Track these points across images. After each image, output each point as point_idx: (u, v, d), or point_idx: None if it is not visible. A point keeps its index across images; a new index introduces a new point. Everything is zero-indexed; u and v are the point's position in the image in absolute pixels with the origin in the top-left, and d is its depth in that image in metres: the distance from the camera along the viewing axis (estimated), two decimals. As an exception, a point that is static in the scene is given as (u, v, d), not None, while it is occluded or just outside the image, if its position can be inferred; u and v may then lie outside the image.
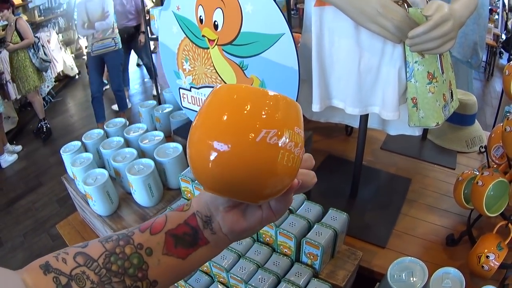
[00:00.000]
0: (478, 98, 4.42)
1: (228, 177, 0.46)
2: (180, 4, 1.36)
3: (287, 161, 0.47)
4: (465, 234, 1.27)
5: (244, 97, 0.47)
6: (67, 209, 3.43)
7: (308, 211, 1.16)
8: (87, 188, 1.38)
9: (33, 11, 7.05)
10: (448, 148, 1.82)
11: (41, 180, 4.13)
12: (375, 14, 0.98)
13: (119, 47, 4.80)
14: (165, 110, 1.90)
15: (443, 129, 1.85)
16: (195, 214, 0.60)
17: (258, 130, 0.45)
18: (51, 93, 6.47)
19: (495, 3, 6.35)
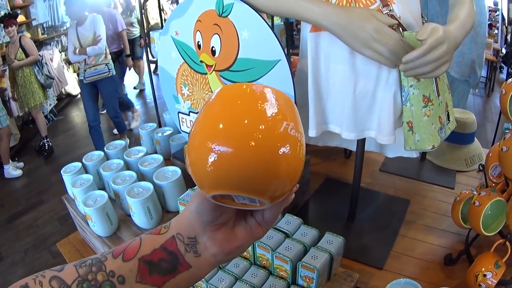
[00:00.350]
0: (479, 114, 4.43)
1: (252, 162, 0.46)
2: (178, 30, 1.38)
3: (299, 151, 0.50)
4: (463, 253, 1.26)
5: (254, 94, 0.50)
6: (67, 228, 3.44)
7: (304, 235, 1.17)
8: (87, 209, 1.39)
9: (36, 29, 7.11)
10: (447, 168, 1.81)
11: (42, 198, 4.14)
12: (369, 39, 0.98)
13: (112, 73, 4.65)
14: (165, 133, 1.91)
15: (442, 149, 1.85)
16: (175, 237, 0.57)
17: (280, 121, 0.48)
18: (53, 111, 6.52)
19: (494, 18, 6.38)
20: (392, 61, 1.00)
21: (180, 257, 0.56)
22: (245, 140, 0.46)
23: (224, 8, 1.20)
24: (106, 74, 4.58)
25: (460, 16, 1.08)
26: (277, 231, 1.18)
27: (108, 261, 0.53)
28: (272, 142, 0.47)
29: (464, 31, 1.05)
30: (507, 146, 1.06)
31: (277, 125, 0.47)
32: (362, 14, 1.00)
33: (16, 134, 5.54)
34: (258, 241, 1.12)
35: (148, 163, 1.62)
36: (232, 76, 1.26)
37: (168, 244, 0.56)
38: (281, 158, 0.47)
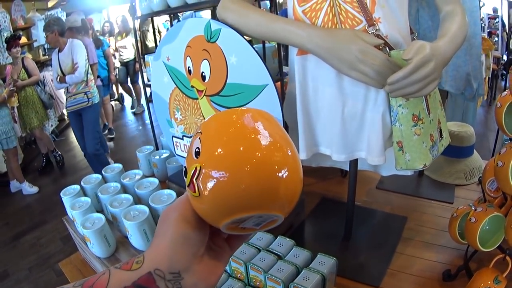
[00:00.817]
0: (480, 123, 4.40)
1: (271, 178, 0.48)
2: (169, 55, 1.39)
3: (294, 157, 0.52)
4: (462, 269, 1.25)
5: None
6: (70, 248, 3.44)
7: (296, 256, 1.17)
8: (85, 231, 1.40)
9: (38, 50, 7.19)
10: (446, 182, 1.80)
11: (45, 217, 4.16)
12: (354, 60, 0.98)
13: (93, 102, 4.40)
14: (162, 156, 1.94)
15: (440, 163, 1.84)
16: (152, 274, 0.49)
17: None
18: (55, 132, 6.57)
19: (494, 25, 6.37)
20: (379, 81, 1.00)
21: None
22: (243, 163, 0.47)
23: (212, 33, 1.21)
24: (85, 104, 4.36)
25: (450, 30, 1.08)
26: (270, 253, 1.18)
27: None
28: (271, 157, 0.48)
29: (454, 45, 1.05)
30: (503, 161, 1.04)
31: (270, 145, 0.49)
32: (346, 35, 1.00)
33: (20, 154, 5.56)
34: (251, 263, 1.13)
35: (144, 186, 1.64)
36: (222, 101, 1.27)
37: (143, 281, 0.49)
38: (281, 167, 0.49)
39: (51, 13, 7.29)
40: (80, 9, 8.11)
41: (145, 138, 6.60)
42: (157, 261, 0.50)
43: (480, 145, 1.79)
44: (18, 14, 7.00)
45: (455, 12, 1.15)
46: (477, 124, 1.87)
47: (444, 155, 1.80)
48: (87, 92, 4.34)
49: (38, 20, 7.15)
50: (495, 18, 6.85)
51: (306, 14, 1.10)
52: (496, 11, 7.21)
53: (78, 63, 4.20)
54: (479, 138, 1.78)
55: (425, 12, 1.99)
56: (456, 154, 1.82)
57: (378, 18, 1.06)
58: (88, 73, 4.36)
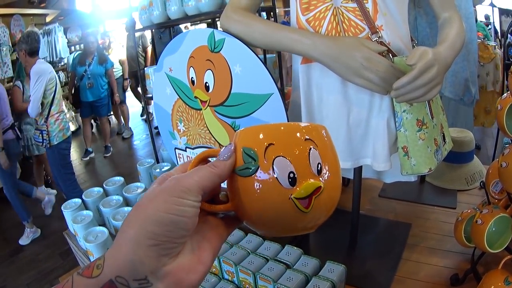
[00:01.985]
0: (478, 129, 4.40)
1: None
2: (172, 66, 1.39)
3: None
4: (470, 272, 1.24)
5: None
6: (69, 263, 3.45)
7: (305, 265, 1.16)
8: (88, 245, 1.40)
9: (36, 65, 7.18)
10: (448, 188, 1.81)
11: (44, 232, 4.13)
12: (359, 67, 0.99)
13: (51, 143, 3.73)
14: (163, 169, 1.93)
15: (441, 170, 1.84)
16: (114, 282, 0.41)
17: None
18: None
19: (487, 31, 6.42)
20: (384, 88, 1.01)
21: None
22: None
23: (216, 43, 1.21)
24: (40, 144, 3.82)
25: (449, 36, 1.10)
26: (278, 262, 1.17)
27: None
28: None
29: (454, 51, 1.07)
30: (507, 162, 1.04)
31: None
32: (351, 43, 1.01)
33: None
34: (259, 272, 1.13)
35: (147, 199, 1.61)
36: (226, 111, 1.27)
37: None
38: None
39: (49, 28, 7.33)
40: (77, 24, 8.16)
41: (144, 151, 6.60)
42: (117, 266, 0.42)
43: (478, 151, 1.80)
44: (17, 28, 7.05)
45: (452, 18, 1.17)
46: (474, 130, 1.88)
47: (445, 161, 1.80)
48: (43, 131, 3.69)
49: (35, 35, 7.16)
50: (488, 25, 6.91)
51: (310, 23, 1.11)
52: (488, 18, 7.28)
53: (31, 97, 3.57)
54: (477, 144, 1.79)
55: (423, 20, 2.01)
56: (457, 160, 1.82)
57: (381, 25, 1.07)
58: (51, 106, 3.71)
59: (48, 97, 3.67)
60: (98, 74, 5.88)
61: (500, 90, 3.72)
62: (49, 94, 3.67)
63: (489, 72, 3.70)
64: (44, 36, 7.30)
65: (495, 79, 3.71)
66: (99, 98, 6.05)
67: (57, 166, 3.85)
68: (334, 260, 1.17)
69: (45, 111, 3.67)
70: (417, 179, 1.41)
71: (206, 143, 1.40)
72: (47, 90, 3.65)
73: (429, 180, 1.88)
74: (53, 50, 7.42)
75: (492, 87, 3.74)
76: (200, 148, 1.43)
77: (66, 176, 3.90)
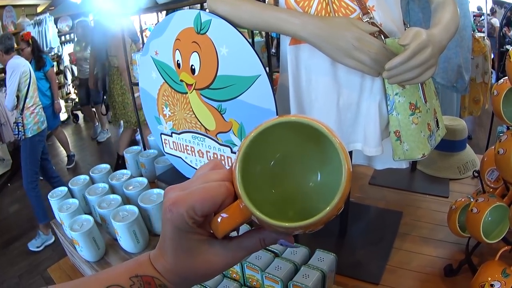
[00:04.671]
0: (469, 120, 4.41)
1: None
2: (158, 49, 1.36)
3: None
4: (464, 263, 1.22)
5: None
6: (59, 253, 3.41)
7: (294, 253, 1.14)
8: (73, 234, 1.37)
9: (27, 55, 7.15)
10: (440, 177, 1.78)
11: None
12: (350, 48, 0.96)
13: (26, 135, 3.74)
14: (149, 156, 1.90)
15: (433, 158, 1.82)
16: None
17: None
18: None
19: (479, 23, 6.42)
20: (375, 69, 0.98)
21: None
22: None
23: (202, 25, 1.18)
24: (16, 137, 3.83)
25: (443, 20, 1.07)
26: (266, 250, 1.15)
27: None
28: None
29: (449, 34, 1.04)
30: (504, 149, 1.01)
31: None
32: (341, 23, 0.98)
33: (8, 160, 5.51)
34: (247, 261, 1.10)
35: (133, 186, 1.60)
36: (212, 94, 1.24)
37: None
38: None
39: (40, 18, 7.29)
40: (67, 15, 8.09)
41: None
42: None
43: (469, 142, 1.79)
44: (9, 20, 7.01)
45: (446, 2, 1.14)
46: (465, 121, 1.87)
47: (437, 149, 1.78)
48: (18, 123, 3.73)
49: (27, 26, 7.17)
50: (480, 16, 6.91)
51: (299, 3, 1.07)
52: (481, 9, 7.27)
53: (6, 88, 3.68)
54: (468, 134, 1.78)
55: (416, 5, 1.98)
56: (449, 148, 1.80)
57: (372, 6, 1.04)
58: (26, 99, 3.77)
59: (23, 90, 3.75)
60: (36, 79, 4.60)
61: (489, 80, 3.75)
62: (23, 87, 3.75)
63: (479, 64, 3.74)
64: (34, 27, 7.28)
65: (484, 71, 3.75)
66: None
67: (25, 159, 3.84)
68: (324, 248, 1.14)
69: (20, 104, 3.75)
70: (409, 166, 1.38)
71: (192, 127, 1.37)
72: (21, 83, 3.72)
73: (421, 168, 1.85)
74: (43, 40, 7.37)
75: (481, 78, 3.77)
76: (186, 133, 1.40)
77: (30, 172, 3.84)
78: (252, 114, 1.17)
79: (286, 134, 0.50)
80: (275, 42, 4.88)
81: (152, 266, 0.52)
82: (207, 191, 0.47)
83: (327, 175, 0.52)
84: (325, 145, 0.47)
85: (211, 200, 0.47)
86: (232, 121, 1.23)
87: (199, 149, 1.39)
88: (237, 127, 1.22)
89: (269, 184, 0.53)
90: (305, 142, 0.51)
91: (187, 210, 0.47)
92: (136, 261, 0.53)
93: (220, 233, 0.50)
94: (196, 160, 1.43)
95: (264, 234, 0.52)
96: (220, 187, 0.48)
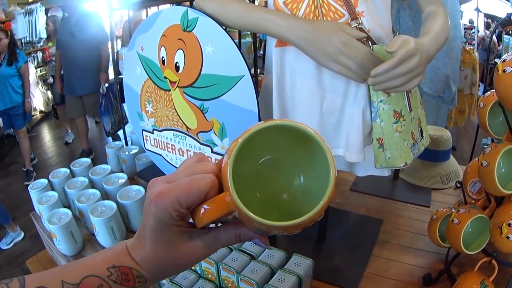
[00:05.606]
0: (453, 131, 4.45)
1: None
2: (144, 45, 1.34)
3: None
4: (444, 273, 1.22)
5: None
6: (38, 245, 3.37)
7: (270, 257, 1.12)
8: (51, 227, 1.36)
9: (16, 44, 7.10)
10: (422, 186, 1.78)
11: (14, 215, 4.04)
12: (336, 53, 0.95)
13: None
14: (131, 152, 1.90)
15: (416, 167, 1.82)
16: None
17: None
18: (27, 127, 6.42)
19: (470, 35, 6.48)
20: (361, 75, 0.98)
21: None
22: None
23: (189, 22, 1.16)
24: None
25: (433, 29, 1.07)
26: (242, 253, 1.13)
27: None
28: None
29: (438, 44, 1.04)
30: (488, 161, 1.01)
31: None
32: (329, 27, 0.97)
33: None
34: (222, 263, 1.09)
35: (112, 181, 1.59)
36: (195, 92, 1.22)
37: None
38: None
39: (30, 7, 7.24)
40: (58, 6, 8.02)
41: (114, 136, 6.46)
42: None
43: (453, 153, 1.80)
44: (0, 8, 6.96)
45: (437, 12, 1.14)
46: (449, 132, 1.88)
47: (421, 158, 1.79)
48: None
49: (18, 14, 7.13)
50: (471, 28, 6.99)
51: (287, 6, 1.06)
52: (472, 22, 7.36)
53: None
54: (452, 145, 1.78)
55: (406, 13, 1.98)
56: (433, 158, 1.80)
57: (361, 12, 1.03)
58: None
59: None
60: (8, 75, 4.65)
61: (476, 92, 3.80)
62: None
63: (467, 76, 3.79)
64: (25, 16, 7.22)
65: (472, 82, 3.79)
66: (13, 106, 4.78)
67: None
68: (301, 253, 1.13)
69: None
70: (391, 174, 1.38)
71: (173, 125, 1.35)
72: None
73: (403, 177, 1.85)
74: (33, 30, 7.34)
75: (469, 89, 3.82)
76: (168, 130, 1.38)
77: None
78: (234, 114, 1.16)
79: (275, 137, 0.51)
80: (263, 44, 4.89)
81: (129, 256, 0.52)
82: (192, 183, 0.48)
83: (313, 179, 0.53)
84: (314, 150, 0.48)
85: (197, 192, 0.48)
86: (213, 120, 1.22)
87: (179, 147, 1.37)
88: (219, 127, 1.21)
89: (256, 186, 0.54)
90: (293, 147, 0.52)
91: (172, 202, 0.47)
92: (113, 250, 0.52)
93: (200, 223, 0.50)
94: (176, 158, 1.42)
95: (241, 230, 0.52)
96: (205, 179, 0.48)
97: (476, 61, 3.78)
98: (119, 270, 0.50)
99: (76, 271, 0.49)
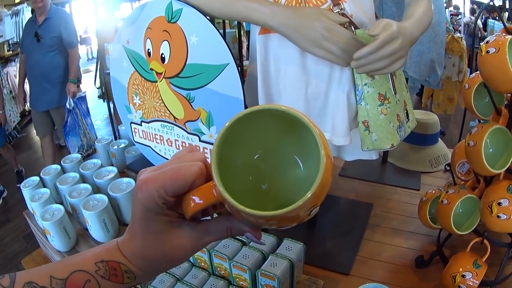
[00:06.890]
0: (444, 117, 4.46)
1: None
2: (129, 38, 1.35)
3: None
4: (436, 254, 1.23)
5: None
6: (33, 245, 3.36)
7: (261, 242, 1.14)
8: (45, 224, 1.36)
9: (3, 46, 7.02)
10: (411, 170, 1.80)
11: (8, 216, 4.04)
12: (319, 38, 0.96)
13: None
14: (120, 146, 1.90)
15: (404, 151, 1.83)
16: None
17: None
18: (17, 128, 6.37)
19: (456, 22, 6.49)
20: (344, 59, 0.99)
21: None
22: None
23: (173, 14, 1.17)
24: None
25: (416, 14, 1.07)
26: (233, 239, 1.15)
27: None
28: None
29: (421, 28, 1.04)
30: (474, 141, 1.02)
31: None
32: (311, 13, 0.98)
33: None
34: (214, 250, 1.10)
35: (103, 175, 1.60)
36: (181, 82, 1.23)
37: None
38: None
39: (17, 8, 7.15)
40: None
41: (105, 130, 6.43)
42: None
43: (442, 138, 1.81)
44: (-14, 10, 6.85)
45: None
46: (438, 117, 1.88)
47: (409, 142, 1.80)
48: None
49: (4, 16, 6.99)
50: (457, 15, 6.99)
51: None
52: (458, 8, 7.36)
53: None
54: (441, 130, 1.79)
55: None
56: (421, 142, 1.81)
57: None
58: None
59: None
60: None
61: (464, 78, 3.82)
62: None
63: (455, 63, 3.80)
64: (12, 17, 7.14)
65: (459, 70, 3.81)
66: None
67: None
68: (293, 238, 1.15)
69: None
70: (379, 158, 1.38)
71: (161, 116, 1.36)
72: None
73: (392, 161, 1.86)
74: (20, 31, 7.25)
75: (457, 77, 3.84)
76: (155, 121, 1.39)
77: None
78: (220, 102, 1.17)
79: (266, 127, 0.49)
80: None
81: (119, 251, 0.51)
82: (179, 171, 0.48)
83: (309, 168, 0.50)
84: (305, 136, 0.46)
85: (183, 179, 0.47)
86: (200, 109, 1.23)
87: (167, 137, 1.38)
88: (205, 115, 1.22)
89: (251, 178, 0.52)
90: (287, 136, 0.50)
91: (157, 189, 0.47)
92: (103, 247, 0.52)
93: (188, 213, 0.49)
94: (165, 149, 1.43)
95: (232, 223, 0.52)
96: (192, 167, 0.48)
97: (464, 50, 3.81)
98: (107, 264, 0.50)
99: (65, 266, 0.49)
